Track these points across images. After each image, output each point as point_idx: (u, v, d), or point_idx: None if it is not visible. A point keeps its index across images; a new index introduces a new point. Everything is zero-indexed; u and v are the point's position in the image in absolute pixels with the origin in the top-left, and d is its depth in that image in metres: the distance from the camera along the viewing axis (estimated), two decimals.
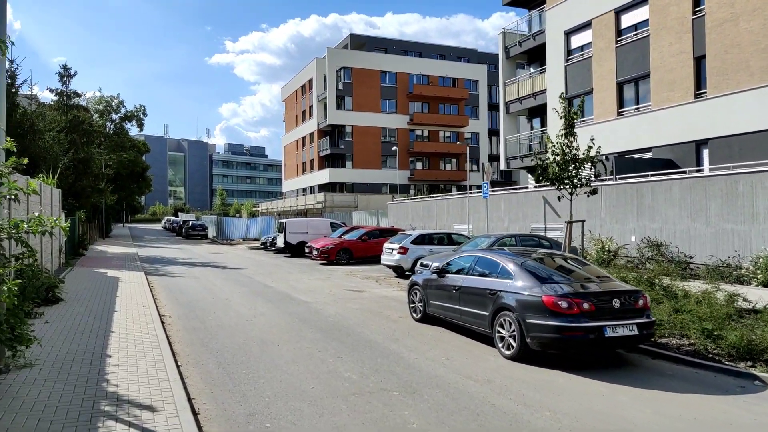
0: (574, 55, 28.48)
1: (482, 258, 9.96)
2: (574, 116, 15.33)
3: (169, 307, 12.80)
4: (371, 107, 62.34)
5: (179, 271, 20.99)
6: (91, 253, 27.53)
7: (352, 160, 61.70)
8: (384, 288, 16.43)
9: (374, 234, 25.16)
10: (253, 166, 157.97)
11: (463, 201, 31.63)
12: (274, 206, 69.85)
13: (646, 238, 19.19)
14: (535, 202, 25.97)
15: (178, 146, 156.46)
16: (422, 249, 18.50)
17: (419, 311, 11.26)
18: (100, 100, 50.36)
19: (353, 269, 22.03)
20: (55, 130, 26.19)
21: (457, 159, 67.02)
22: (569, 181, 14.93)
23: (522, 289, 8.62)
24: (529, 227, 26.13)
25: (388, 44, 69.02)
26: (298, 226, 29.67)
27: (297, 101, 71.00)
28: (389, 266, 19.33)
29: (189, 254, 30.70)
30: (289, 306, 13.00)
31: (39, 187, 14.95)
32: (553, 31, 29.48)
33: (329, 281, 18.07)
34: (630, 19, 25.77)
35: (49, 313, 10.79)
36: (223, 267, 22.92)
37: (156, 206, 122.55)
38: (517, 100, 32.75)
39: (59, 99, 29.13)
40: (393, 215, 39.10)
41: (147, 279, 17.41)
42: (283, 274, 20.13)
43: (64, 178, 25.20)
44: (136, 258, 25.99)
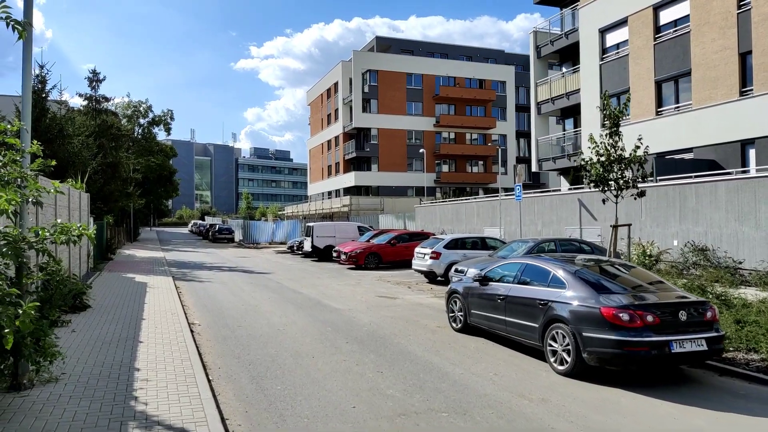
0: (609, 53, 27.58)
1: (530, 265, 9.32)
2: (620, 114, 14.61)
3: (198, 314, 12.39)
4: (397, 110, 61.83)
5: (207, 276, 20.67)
6: (119, 258, 27.46)
7: (378, 163, 61.23)
8: (417, 294, 15.84)
9: (403, 238, 24.58)
10: (278, 169, 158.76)
11: (493, 204, 30.87)
12: (300, 210, 69.74)
13: (690, 243, 18.31)
14: (570, 204, 25.15)
15: (205, 150, 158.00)
16: (455, 254, 17.86)
17: (459, 321, 10.65)
18: (128, 105, 50.71)
19: (383, 274, 21.47)
20: (84, 134, 26.16)
21: (484, 161, 66.12)
22: (614, 182, 14.17)
23: (577, 299, 7.97)
24: (564, 231, 25.31)
25: (413, 46, 68.46)
26: (326, 230, 29.24)
27: (322, 105, 70.83)
28: (421, 271, 18.73)
29: (216, 258, 30.49)
30: (321, 313, 12.49)
31: (67, 191, 14.71)
32: (586, 29, 28.61)
33: (359, 287, 17.54)
34: (669, 15, 24.81)
35: (76, 321, 10.44)
36: (250, 271, 22.56)
37: (183, 210, 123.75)
38: (549, 101, 31.91)
39: (88, 104, 29.19)
40: (420, 218, 38.46)
41: (175, 284, 17.09)
42: (312, 279, 19.67)
43: (92, 183, 25.14)
44: (163, 262, 25.81)
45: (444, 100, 63.69)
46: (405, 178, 61.85)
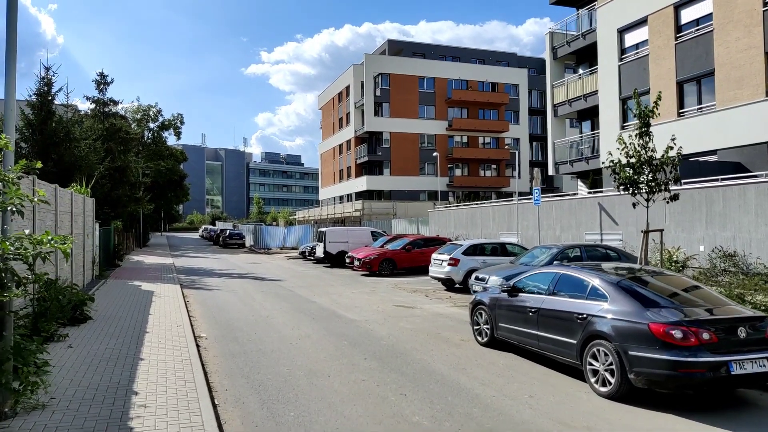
0: (628, 53, 26.70)
1: (565, 275, 8.53)
2: (650, 114, 13.79)
3: (206, 326, 11.69)
4: (409, 113, 61.14)
5: (216, 284, 20.01)
6: (126, 264, 26.89)
7: (390, 167, 60.53)
8: (435, 304, 15.05)
9: (418, 243, 23.80)
10: (289, 174, 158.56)
11: (510, 208, 30.02)
12: (311, 214, 69.14)
13: (718, 248, 17.41)
14: (589, 209, 24.28)
15: (216, 155, 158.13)
16: (474, 260, 17.07)
17: (485, 334, 9.87)
18: (138, 109, 50.36)
19: (398, 281, 20.71)
20: (91, 138, 25.65)
21: (498, 165, 65.24)
22: (645, 185, 13.35)
23: (621, 314, 7.17)
24: (583, 236, 24.44)
25: (425, 49, 67.80)
26: (338, 235, 28.52)
27: (334, 109, 70.29)
28: (438, 278, 17.95)
29: (226, 264, 29.86)
30: (335, 325, 11.74)
31: (69, 196, 14.11)
32: (604, 29, 27.75)
33: (375, 295, 16.79)
34: (691, 14, 23.90)
35: (74, 335, 9.77)
36: (261, 279, 21.88)
37: (193, 215, 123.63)
38: (565, 103, 31.05)
39: (96, 107, 28.70)
40: (434, 223, 37.66)
41: (183, 293, 16.42)
42: (325, 287, 18.94)
43: (99, 187, 24.60)
44: (172, 269, 25.21)
45: (456, 104, 62.93)
46: (417, 182, 61.11)
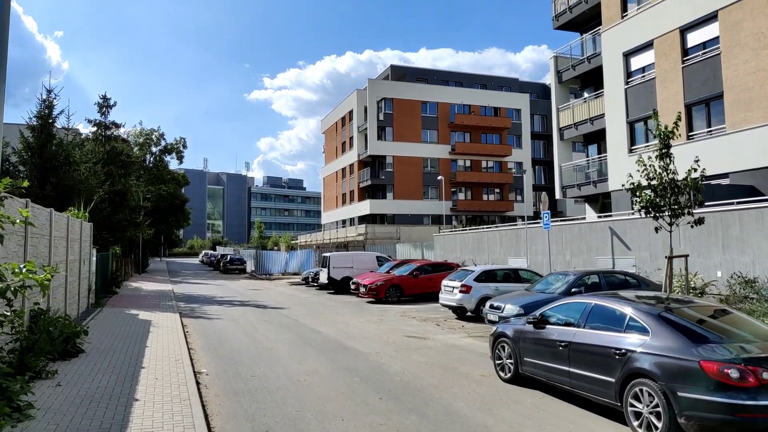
0: (634, 77, 26.31)
1: (599, 306, 7.83)
2: (671, 135, 13.24)
3: (206, 360, 10.94)
4: (412, 137, 60.89)
5: (217, 312, 19.26)
6: (124, 291, 26.14)
7: (393, 191, 60.04)
8: (448, 334, 14.29)
9: (426, 269, 23.09)
10: (291, 198, 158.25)
11: (518, 233, 29.36)
12: (314, 239, 68.44)
13: (737, 274, 16.72)
14: (600, 233, 23.65)
15: (218, 180, 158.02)
16: (487, 287, 16.36)
17: (509, 370, 9.13)
18: (141, 133, 50.07)
19: (406, 309, 19.96)
20: (92, 161, 25.14)
21: (501, 189, 64.75)
22: (669, 209, 12.73)
23: (666, 350, 6.47)
24: (594, 261, 23.76)
25: (428, 75, 67.86)
26: (343, 260, 27.81)
27: (337, 133, 70.10)
28: (449, 306, 17.21)
29: (227, 291, 29.09)
30: (344, 359, 10.99)
31: (66, 221, 13.48)
32: (610, 53, 27.42)
33: (383, 324, 16.03)
34: (697, 38, 23.51)
35: (64, 371, 9.03)
36: (263, 306, 21.11)
37: (194, 240, 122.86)
38: (572, 126, 30.60)
39: (97, 130, 28.21)
40: (440, 248, 36.97)
41: (182, 322, 15.66)
42: (331, 315, 18.18)
43: (98, 212, 23.99)
44: (171, 296, 24.44)
45: (459, 128, 62.71)
46: (421, 206, 60.57)
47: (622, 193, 26.86)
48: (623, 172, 27.41)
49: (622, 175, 27.57)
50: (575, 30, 32.15)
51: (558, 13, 31.62)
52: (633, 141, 26.46)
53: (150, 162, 50.59)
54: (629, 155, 26.26)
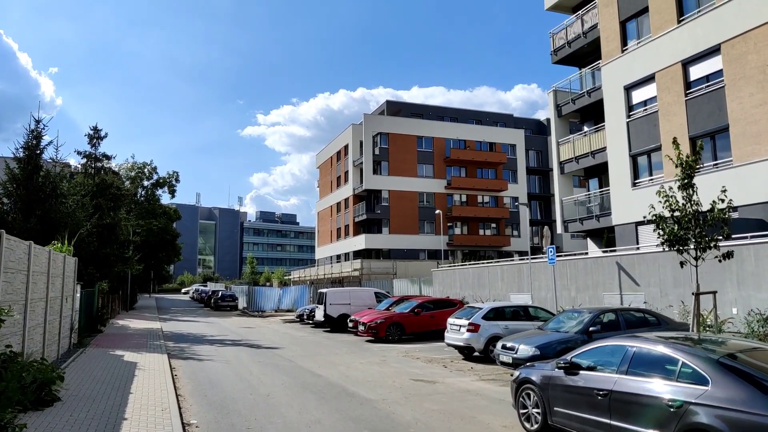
0: (636, 110, 25.92)
1: (642, 350, 6.94)
2: (693, 164, 12.58)
3: (196, 408, 9.87)
4: (408, 172, 60.49)
5: (208, 352, 18.13)
6: (110, 330, 24.91)
7: (389, 225, 59.29)
8: (458, 377, 13.28)
9: (428, 306, 22.11)
10: (284, 233, 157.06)
11: (520, 268, 28.51)
12: (307, 274, 67.24)
13: (755, 311, 15.95)
14: (607, 268, 22.86)
15: (210, 214, 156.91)
16: (496, 326, 15.42)
17: (535, 420, 8.16)
18: (132, 167, 49.28)
19: (408, 348, 18.90)
20: (80, 194, 24.24)
21: (497, 224, 64.17)
22: (694, 241, 11.97)
23: (733, 402, 5.58)
24: (601, 297, 22.92)
25: (423, 110, 67.95)
26: (340, 297, 26.76)
27: (332, 167, 69.66)
28: (455, 346, 16.20)
29: (218, 329, 27.88)
30: (349, 406, 9.96)
31: (47, 256, 12.52)
32: (610, 86, 27.10)
33: (387, 366, 14.99)
34: (700, 71, 23.16)
35: (35, 424, 7.97)
36: (257, 346, 19.99)
37: (185, 275, 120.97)
38: (572, 160, 30.09)
39: (87, 162, 27.33)
40: (438, 283, 35.99)
41: (170, 364, 14.56)
42: (329, 356, 17.10)
43: (85, 246, 22.98)
44: (159, 335, 23.25)
45: (455, 163, 62.43)
46: (416, 241, 59.77)
47: (626, 227, 26.21)
48: (626, 206, 26.96)
49: (625, 209, 27.12)
50: (574, 64, 31.94)
51: (556, 48, 31.45)
52: (636, 174, 25.91)
53: (141, 196, 49.66)
54: (633, 189, 25.70)
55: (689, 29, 23.06)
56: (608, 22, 27.28)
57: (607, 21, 27.37)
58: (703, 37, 22.39)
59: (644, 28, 25.68)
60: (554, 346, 12.13)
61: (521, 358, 12.14)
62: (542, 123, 74.23)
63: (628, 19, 26.49)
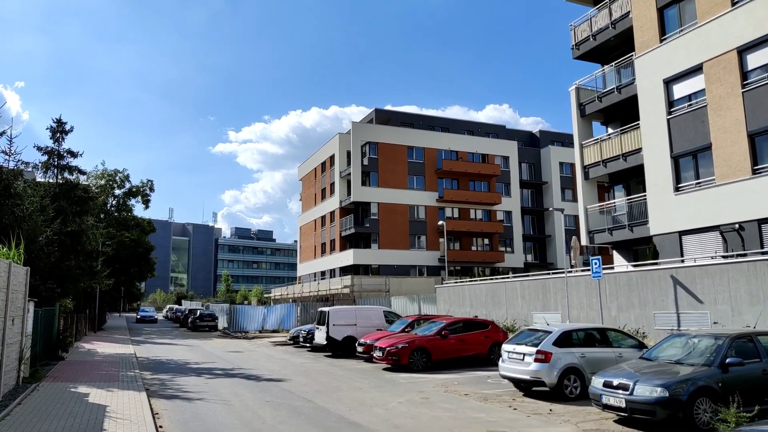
0: (679, 106, 23.15)
1: None
2: None
3: None
4: (398, 184, 57.28)
5: (197, 388, 14.43)
6: (74, 356, 20.95)
7: (378, 240, 55.82)
8: (546, 426, 9.85)
9: (456, 328, 18.70)
10: (259, 250, 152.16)
11: (545, 283, 25.35)
12: (290, 292, 63.21)
13: None
14: (657, 283, 19.87)
15: (183, 230, 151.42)
16: (570, 354, 12.10)
17: None
18: (102, 174, 45.10)
19: (444, 380, 15.45)
20: (39, 194, 20.43)
21: (490, 239, 61.18)
22: None
23: None
24: (651, 316, 19.89)
25: (413, 119, 65.05)
26: (345, 316, 23.17)
27: (316, 179, 66.08)
28: (514, 379, 12.83)
29: (202, 354, 24.01)
30: None
31: None
32: (646, 80, 24.36)
33: (436, 408, 11.54)
34: (759, 59, 20.49)
35: None
36: (256, 377, 16.30)
37: (157, 293, 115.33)
38: (599, 163, 27.21)
39: (48, 159, 23.42)
40: (443, 301, 32.65)
41: (151, 408, 10.91)
42: (352, 392, 13.57)
43: (44, 256, 19.15)
44: (133, 362, 19.39)
45: (447, 175, 59.43)
46: (407, 257, 56.42)
47: (667, 237, 23.25)
48: (667, 213, 24.02)
49: (666, 216, 24.12)
50: (597, 60, 29.25)
51: (579, 42, 28.72)
52: (678, 178, 23.08)
53: (112, 206, 45.45)
54: (675, 194, 22.84)
55: (746, 12, 20.41)
56: (643, 10, 24.62)
57: (641, 9, 24.71)
58: (765, 20, 19.75)
59: (687, 14, 23.04)
60: (687, 387, 8.88)
61: (641, 402, 8.88)
62: (534, 135, 71.98)
63: (666, 6, 23.84)
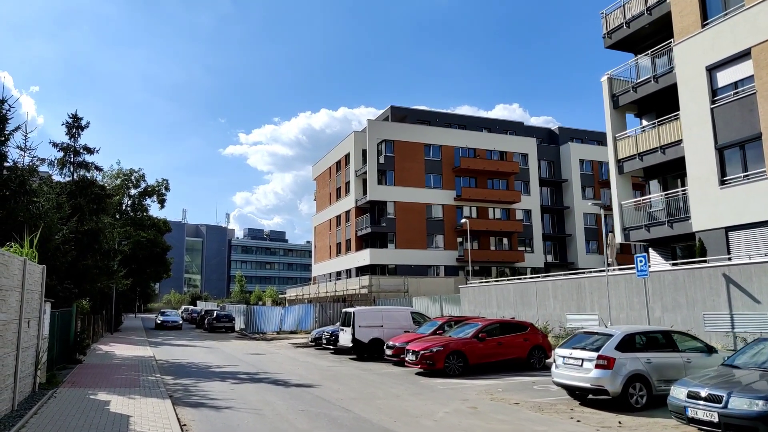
0: (724, 94, 21.93)
1: None
2: None
3: None
4: (415, 182, 56.23)
5: (222, 394, 13.50)
6: (92, 358, 20.13)
7: (395, 239, 54.79)
8: None
9: (493, 330, 17.62)
10: (272, 251, 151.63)
11: (580, 283, 24.23)
12: (306, 292, 62.34)
13: None
14: (707, 282, 18.73)
15: (197, 231, 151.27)
16: (635, 359, 10.99)
17: None
18: (118, 174, 44.45)
19: (486, 386, 14.40)
20: (55, 191, 19.63)
21: (509, 238, 59.95)
22: None
23: None
24: (699, 317, 18.71)
25: (430, 117, 63.97)
26: (371, 318, 22.16)
27: (331, 178, 65.16)
28: (569, 386, 11.76)
29: (223, 357, 23.12)
30: None
31: None
32: (686, 68, 23.16)
33: (489, 419, 10.51)
34: None
35: None
36: (284, 383, 15.34)
37: (171, 294, 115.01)
38: (634, 157, 26.01)
39: (64, 155, 22.62)
40: (468, 302, 31.59)
41: (177, 418, 9.97)
42: (391, 400, 12.56)
43: (61, 255, 18.33)
44: (153, 365, 18.52)
45: (464, 172, 58.27)
46: (425, 256, 55.36)
47: (712, 233, 22.01)
48: (712, 208, 22.77)
49: (710, 211, 22.89)
50: (629, 50, 28.07)
51: (611, 30, 27.56)
52: (724, 171, 21.85)
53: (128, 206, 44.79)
54: (721, 188, 21.62)
55: None
56: None
57: None
58: None
59: None
60: None
61: (739, 416, 7.79)
62: (553, 131, 70.61)
63: None
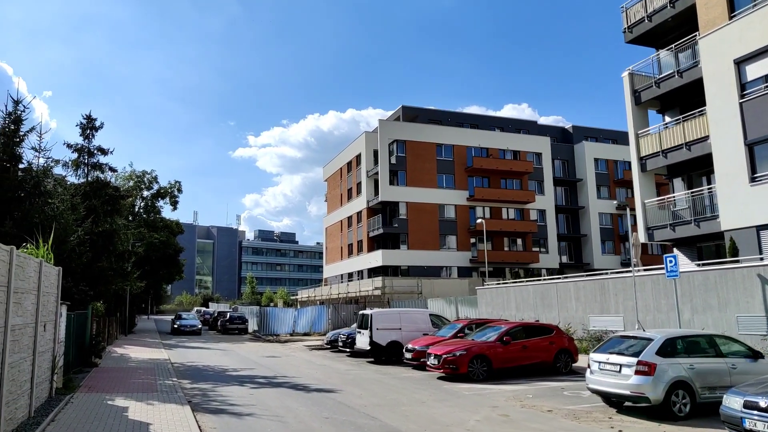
0: (753, 88, 21.27)
1: None
2: None
3: None
4: (427, 182, 55.72)
5: (242, 399, 13.08)
6: (107, 362, 19.79)
7: (407, 240, 54.28)
8: None
9: (517, 333, 17.08)
10: (283, 252, 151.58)
11: (604, 284, 23.62)
12: (318, 294, 61.96)
13: None
14: (740, 283, 18.05)
15: (208, 233, 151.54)
16: (677, 365, 10.44)
17: None
18: (131, 176, 44.28)
19: (513, 392, 13.89)
20: (69, 193, 19.33)
21: (523, 239, 59.27)
22: None
23: None
24: (732, 319, 18.06)
25: (441, 116, 63.39)
26: (389, 320, 21.68)
27: (342, 179, 64.75)
28: (605, 393, 11.23)
29: (239, 360, 22.73)
30: None
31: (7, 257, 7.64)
32: (713, 62, 22.52)
33: (520, 425, 10.00)
34: None
35: None
36: (304, 387, 14.90)
37: (183, 296, 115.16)
38: (658, 154, 25.39)
39: (79, 157, 22.36)
40: (485, 304, 31.04)
41: (199, 427, 9.54)
42: (416, 406, 12.09)
43: (76, 257, 18.00)
44: (169, 369, 18.15)
45: (477, 172, 57.68)
46: (437, 257, 54.82)
47: (742, 232, 21.34)
48: (742, 206, 22.10)
49: (740, 209, 22.25)
50: (650, 44, 27.44)
51: (632, 24, 26.96)
52: (754, 168, 21.20)
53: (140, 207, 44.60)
54: (751, 185, 20.97)
55: None
56: None
57: None
58: None
59: None
60: None
61: None
62: (567, 130, 69.79)
63: None
